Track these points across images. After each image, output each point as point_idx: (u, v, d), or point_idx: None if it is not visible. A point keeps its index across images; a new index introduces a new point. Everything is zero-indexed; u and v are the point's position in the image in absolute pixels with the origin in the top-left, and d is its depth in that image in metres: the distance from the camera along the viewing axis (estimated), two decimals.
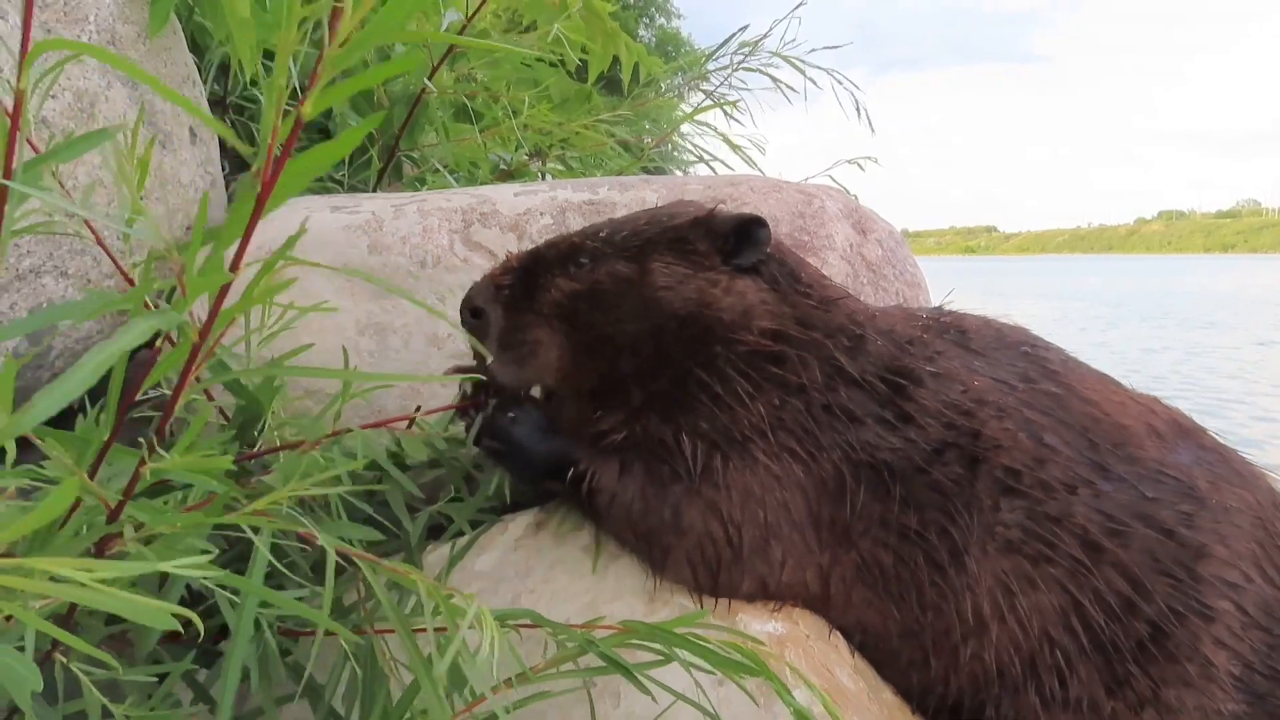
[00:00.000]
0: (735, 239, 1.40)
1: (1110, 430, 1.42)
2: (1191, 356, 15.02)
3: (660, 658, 1.12)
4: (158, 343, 1.30)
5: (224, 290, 0.81)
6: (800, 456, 1.33)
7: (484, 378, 1.40)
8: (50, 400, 0.66)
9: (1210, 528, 1.36)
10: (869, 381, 1.36)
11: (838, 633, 1.40)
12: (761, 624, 1.34)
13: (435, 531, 1.54)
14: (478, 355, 1.44)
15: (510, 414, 1.42)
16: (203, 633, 0.80)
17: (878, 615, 1.37)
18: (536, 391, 1.53)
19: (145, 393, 0.98)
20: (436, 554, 1.49)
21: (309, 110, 0.69)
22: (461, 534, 1.48)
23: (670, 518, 1.34)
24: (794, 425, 1.34)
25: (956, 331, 1.49)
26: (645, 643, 1.14)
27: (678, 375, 1.36)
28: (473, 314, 1.40)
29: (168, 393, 1.47)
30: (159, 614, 0.66)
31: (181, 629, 0.68)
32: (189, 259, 0.80)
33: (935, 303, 2.23)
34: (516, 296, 1.40)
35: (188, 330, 0.84)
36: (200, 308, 1.56)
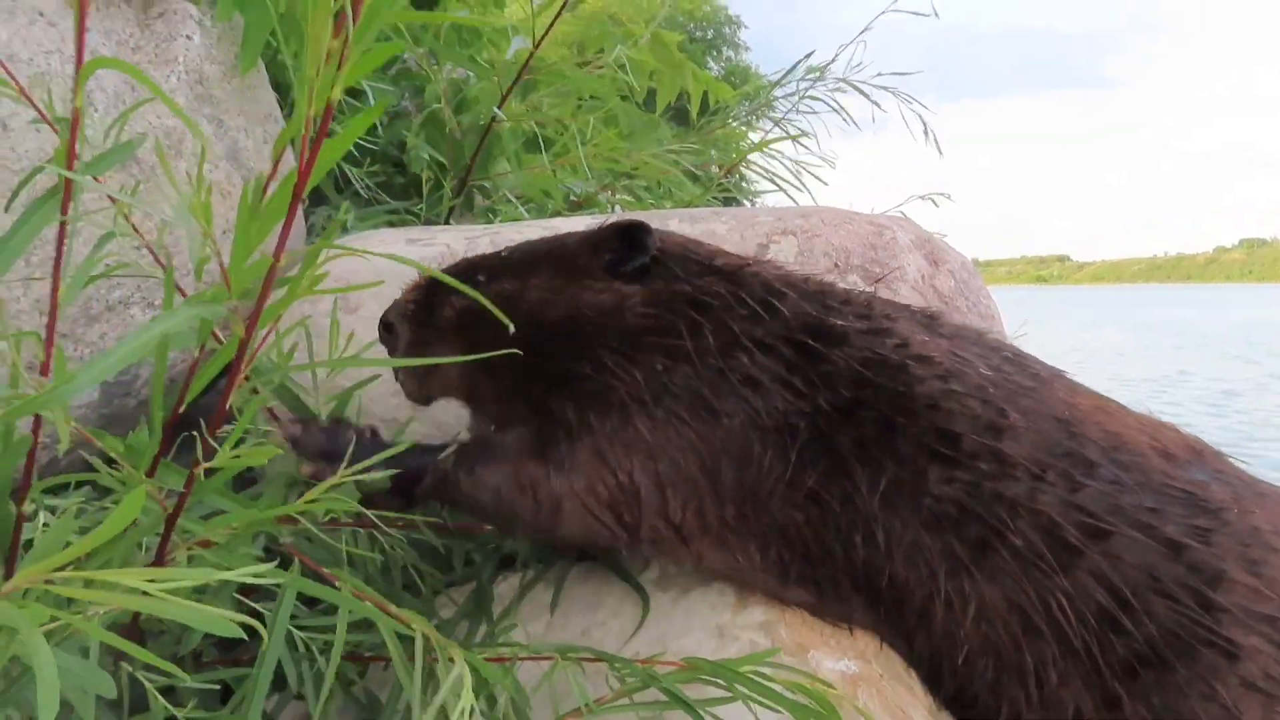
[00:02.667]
0: (620, 248, 1.38)
1: (1101, 432, 1.27)
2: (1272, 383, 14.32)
3: (725, 694, 1.10)
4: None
5: (269, 283, 0.82)
6: (691, 422, 1.27)
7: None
8: (89, 374, 0.69)
9: (1234, 550, 1.18)
10: (773, 346, 1.29)
11: (912, 671, 1.35)
12: (834, 662, 1.31)
13: (509, 561, 1.55)
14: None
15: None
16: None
17: (807, 578, 1.31)
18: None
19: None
20: (507, 584, 1.50)
21: (338, 91, 0.71)
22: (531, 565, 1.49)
23: (552, 471, 1.30)
24: (681, 391, 1.28)
25: (925, 315, 1.41)
26: (710, 679, 1.12)
27: (554, 373, 1.34)
28: (385, 329, 1.50)
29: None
30: (223, 623, 0.66)
31: (246, 636, 0.68)
32: (236, 255, 0.81)
33: (1009, 333, 2.18)
34: (420, 313, 1.47)
35: (235, 325, 0.85)
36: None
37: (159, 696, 1.00)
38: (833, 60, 3.23)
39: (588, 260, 1.40)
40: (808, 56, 3.37)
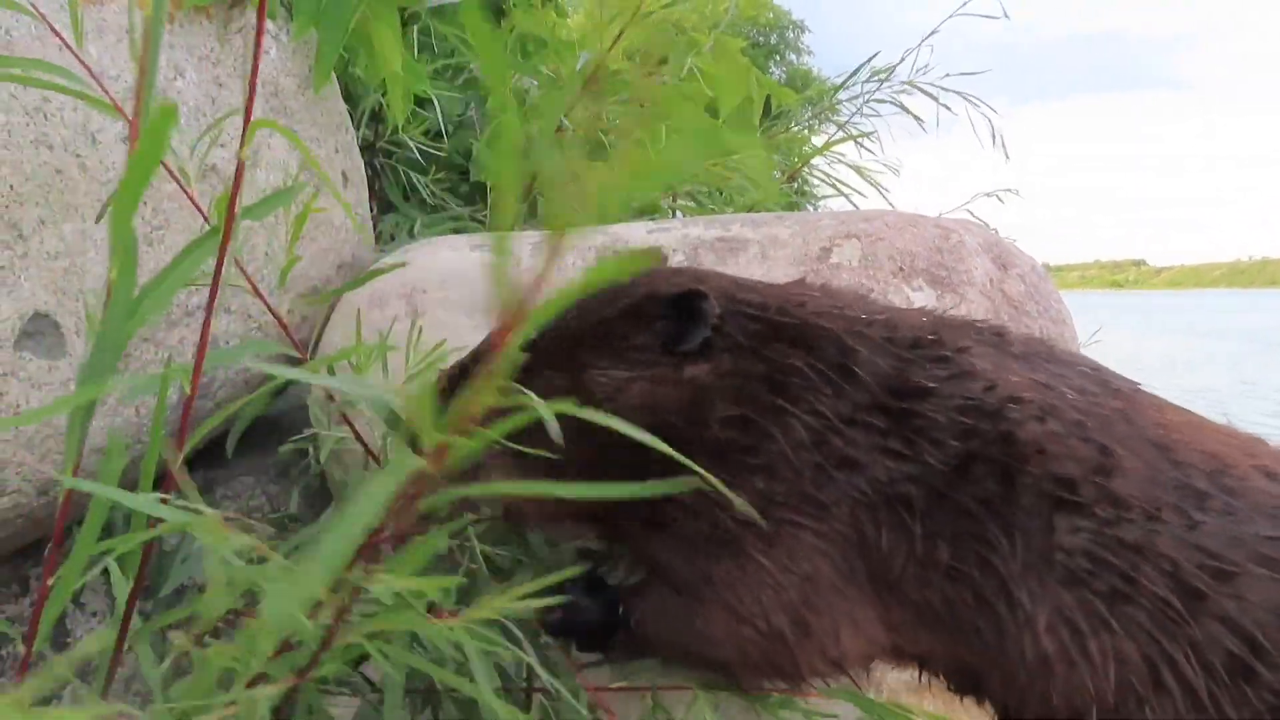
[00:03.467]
0: (675, 320, 1.21)
1: (1199, 454, 1.16)
2: None
3: None
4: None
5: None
6: (805, 525, 1.16)
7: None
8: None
9: None
10: (863, 418, 1.17)
11: None
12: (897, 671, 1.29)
13: None
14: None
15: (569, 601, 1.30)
16: None
17: (949, 653, 1.21)
18: None
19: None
20: None
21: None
22: None
23: (698, 641, 1.22)
24: (787, 499, 1.16)
25: (992, 333, 1.29)
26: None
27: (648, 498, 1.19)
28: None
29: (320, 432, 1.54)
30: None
31: None
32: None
33: (1081, 340, 2.13)
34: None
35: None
36: (326, 345, 1.63)
37: None
38: (899, 63, 3.20)
39: (641, 338, 1.23)
40: (871, 59, 3.34)
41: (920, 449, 1.14)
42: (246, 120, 0.96)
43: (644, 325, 1.23)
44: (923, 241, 1.83)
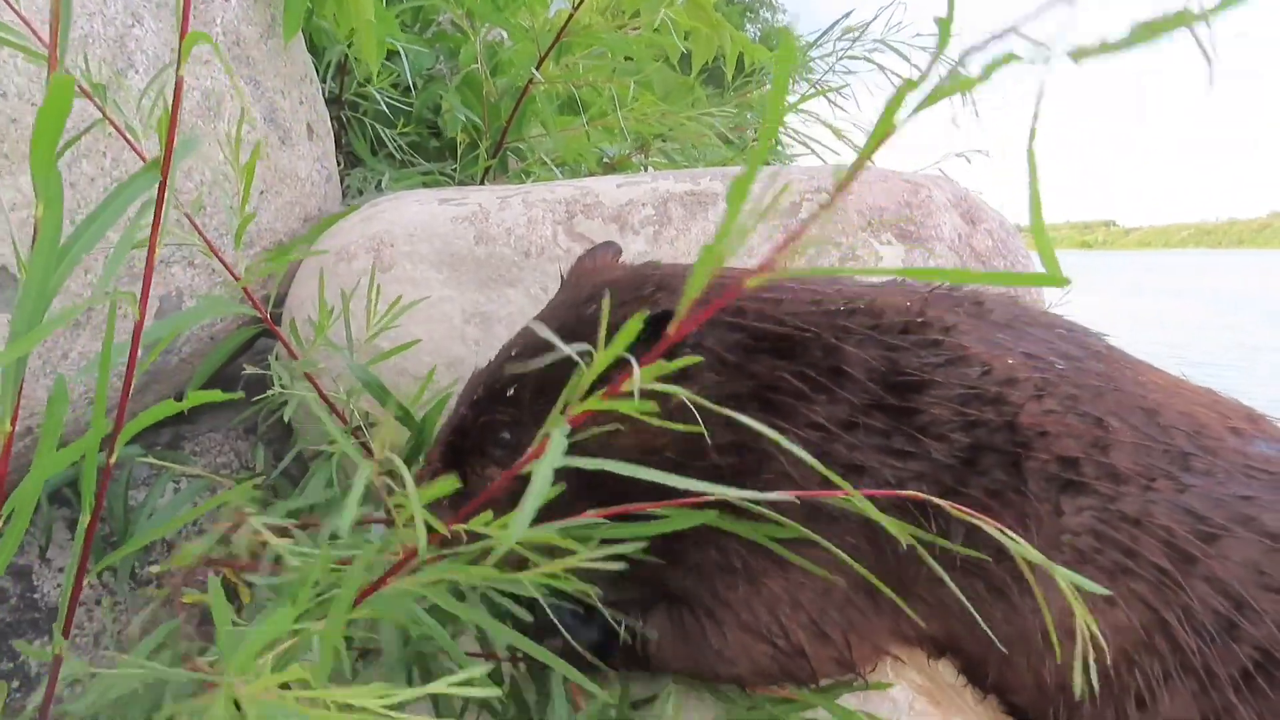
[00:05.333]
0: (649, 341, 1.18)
1: (1178, 414, 1.19)
2: None
3: None
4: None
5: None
6: (815, 543, 1.13)
7: None
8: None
9: None
10: (862, 420, 1.14)
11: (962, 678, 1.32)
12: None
13: None
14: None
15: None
16: None
17: (955, 644, 1.25)
18: None
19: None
20: None
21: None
22: None
23: (714, 660, 1.22)
24: (794, 518, 1.12)
25: (971, 303, 1.28)
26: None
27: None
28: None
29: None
30: None
31: None
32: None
33: (1049, 300, 2.15)
34: (456, 499, 1.19)
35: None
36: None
37: None
38: (872, 20, 3.18)
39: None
40: (846, 16, 3.31)
41: (925, 446, 1.14)
42: (182, 35, 0.93)
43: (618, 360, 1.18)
44: (891, 196, 1.84)
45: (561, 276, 1.44)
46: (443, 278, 1.75)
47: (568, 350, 0.79)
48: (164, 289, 1.62)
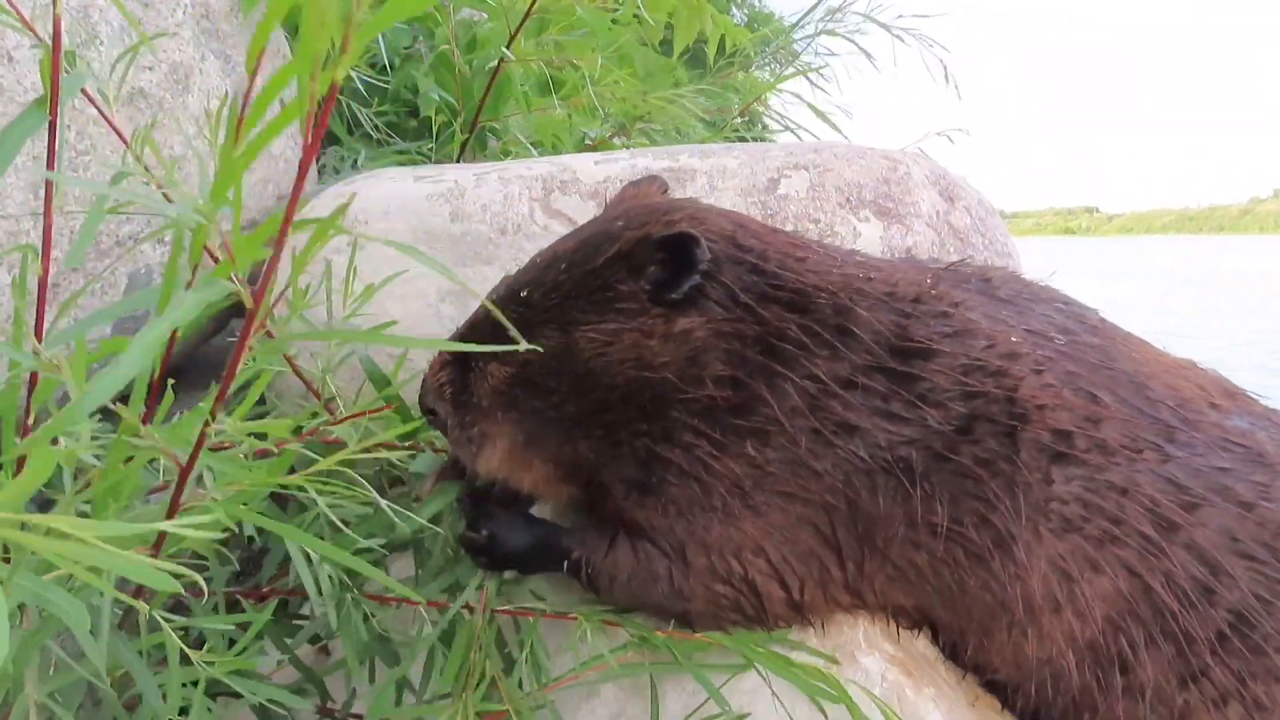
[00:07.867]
0: (666, 265, 1.19)
1: (1166, 390, 1.25)
2: None
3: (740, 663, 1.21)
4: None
5: (276, 255, 0.80)
6: (795, 495, 1.19)
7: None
8: (107, 385, 0.66)
9: None
10: (862, 381, 1.17)
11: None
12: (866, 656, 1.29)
13: None
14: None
15: (486, 509, 1.35)
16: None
17: (918, 607, 1.26)
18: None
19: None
20: None
21: (340, 73, 0.67)
22: None
23: (670, 596, 1.24)
24: (779, 467, 1.18)
25: (979, 280, 1.32)
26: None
27: (638, 455, 1.21)
28: (429, 414, 1.34)
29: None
30: (160, 576, 0.65)
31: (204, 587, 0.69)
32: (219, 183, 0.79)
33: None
34: (457, 391, 1.29)
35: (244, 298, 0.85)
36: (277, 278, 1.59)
37: (173, 635, 1.01)
38: (853, 1, 3.17)
39: (629, 286, 1.21)
40: None
41: (922, 412, 1.16)
42: None
43: (633, 273, 1.21)
44: (870, 173, 1.83)
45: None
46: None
47: None
48: (133, 265, 1.60)
